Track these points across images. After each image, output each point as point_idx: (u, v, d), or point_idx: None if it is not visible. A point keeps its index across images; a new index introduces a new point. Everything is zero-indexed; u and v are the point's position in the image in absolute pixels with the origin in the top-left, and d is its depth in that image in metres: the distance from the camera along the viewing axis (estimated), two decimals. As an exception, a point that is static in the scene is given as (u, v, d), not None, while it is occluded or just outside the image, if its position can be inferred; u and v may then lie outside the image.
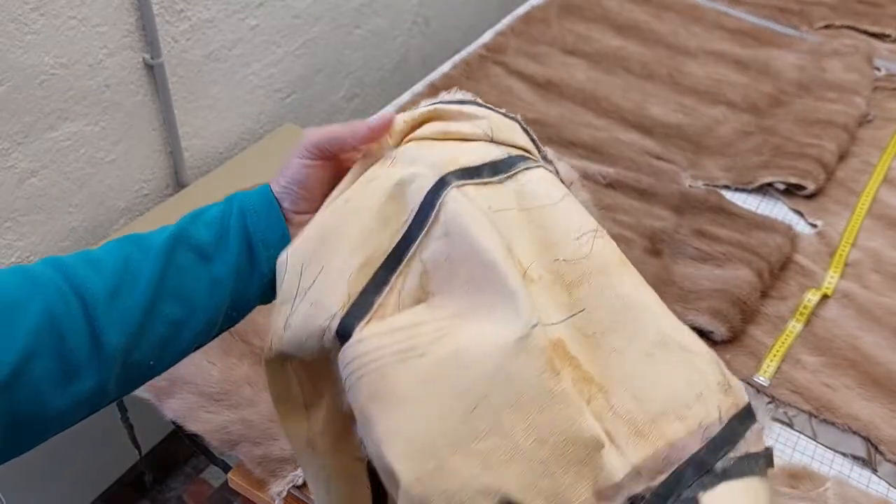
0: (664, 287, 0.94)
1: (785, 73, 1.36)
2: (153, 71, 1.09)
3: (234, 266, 0.49)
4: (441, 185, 0.45)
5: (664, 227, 1.03)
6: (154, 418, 0.83)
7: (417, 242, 0.45)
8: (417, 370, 0.41)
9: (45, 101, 0.97)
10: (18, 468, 1.16)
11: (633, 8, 1.51)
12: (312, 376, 0.50)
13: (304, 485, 0.72)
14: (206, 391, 0.78)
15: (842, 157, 1.18)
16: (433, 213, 0.45)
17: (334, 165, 0.52)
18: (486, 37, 1.42)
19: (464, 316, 0.42)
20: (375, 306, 0.44)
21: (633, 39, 1.43)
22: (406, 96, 1.26)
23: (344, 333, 0.44)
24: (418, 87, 1.28)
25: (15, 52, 0.91)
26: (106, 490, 1.36)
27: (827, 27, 1.51)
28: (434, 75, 1.31)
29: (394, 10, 1.55)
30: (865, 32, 1.49)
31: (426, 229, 0.45)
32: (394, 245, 0.46)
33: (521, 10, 1.50)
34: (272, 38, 1.28)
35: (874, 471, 0.79)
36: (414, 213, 0.45)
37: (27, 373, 0.41)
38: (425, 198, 0.45)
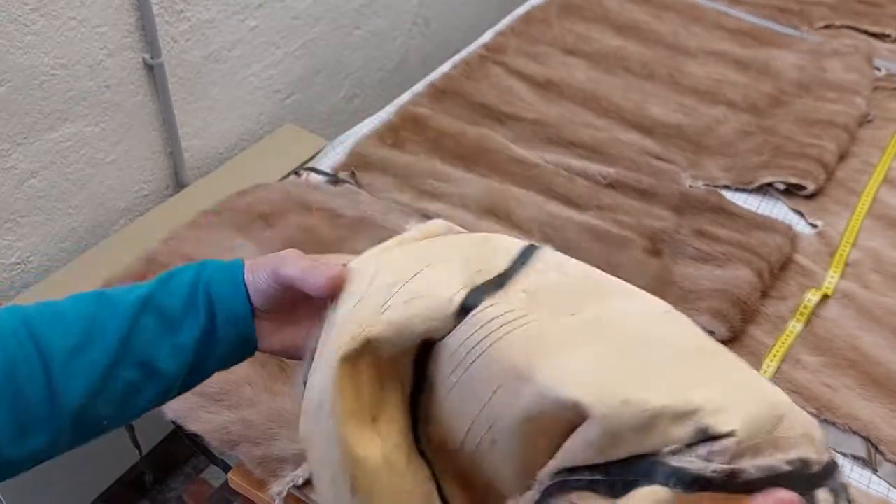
0: (664, 287, 0.94)
1: (785, 73, 1.36)
2: (153, 71, 1.09)
3: (197, 338, 0.49)
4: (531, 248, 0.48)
5: (664, 228, 1.03)
6: (154, 418, 0.83)
7: (519, 273, 0.46)
8: (574, 323, 0.42)
9: (45, 101, 0.97)
10: (19, 469, 1.16)
11: (633, 8, 1.51)
12: (379, 379, 0.47)
13: (304, 485, 0.72)
14: (207, 391, 0.78)
15: (842, 157, 1.18)
16: (533, 255, 0.47)
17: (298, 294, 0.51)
18: (486, 37, 1.42)
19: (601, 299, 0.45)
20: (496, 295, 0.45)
21: (634, 39, 1.43)
22: (406, 96, 1.26)
23: (470, 305, 0.44)
24: (418, 87, 1.29)
25: (15, 52, 0.91)
26: (106, 490, 1.36)
27: (827, 27, 1.51)
28: (434, 75, 1.31)
29: (394, 11, 1.55)
30: (865, 32, 1.49)
31: (528, 263, 0.46)
32: (500, 271, 0.46)
33: (521, 10, 1.50)
34: (272, 38, 1.28)
35: (874, 471, 0.79)
36: (517, 253, 0.47)
37: None
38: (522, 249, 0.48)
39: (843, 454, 0.80)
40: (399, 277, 0.46)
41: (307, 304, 0.50)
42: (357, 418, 0.45)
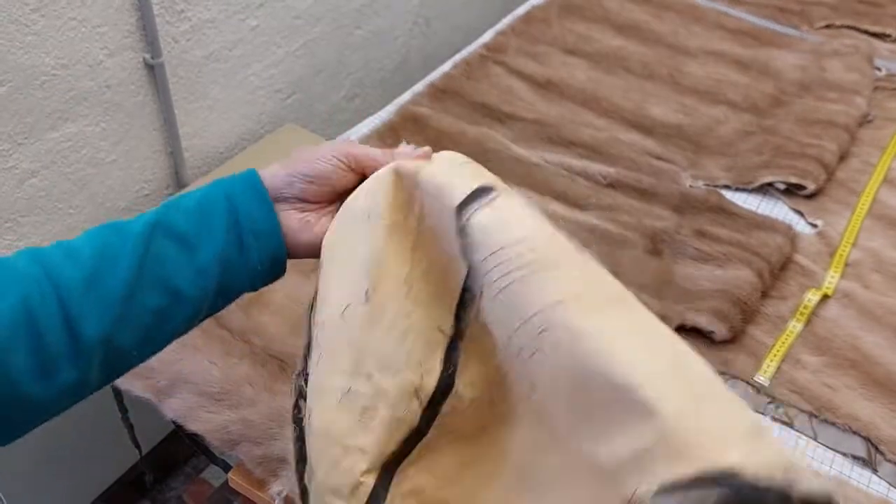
0: (664, 287, 0.94)
1: (785, 73, 1.36)
2: (154, 71, 1.09)
3: (219, 256, 0.48)
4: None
5: (664, 228, 1.03)
6: (154, 418, 0.83)
7: None
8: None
9: (46, 101, 0.97)
10: (19, 468, 1.16)
11: (633, 8, 1.51)
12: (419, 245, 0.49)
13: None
14: (207, 391, 0.78)
15: (842, 157, 1.18)
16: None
17: (355, 179, 0.53)
18: (487, 37, 1.42)
19: None
20: None
21: (634, 39, 1.43)
22: (406, 96, 1.26)
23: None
24: (419, 87, 1.29)
25: (15, 52, 0.91)
26: (106, 490, 1.36)
27: (827, 27, 1.51)
28: (434, 75, 1.31)
29: (394, 11, 1.55)
30: (866, 32, 1.49)
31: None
32: None
33: (521, 10, 1.50)
34: (273, 38, 1.28)
35: (874, 471, 0.79)
36: None
37: (4, 366, 0.41)
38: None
39: (843, 454, 0.80)
40: None
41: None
42: (399, 215, 0.49)
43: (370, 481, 0.45)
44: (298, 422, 0.50)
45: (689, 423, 0.36)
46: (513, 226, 0.44)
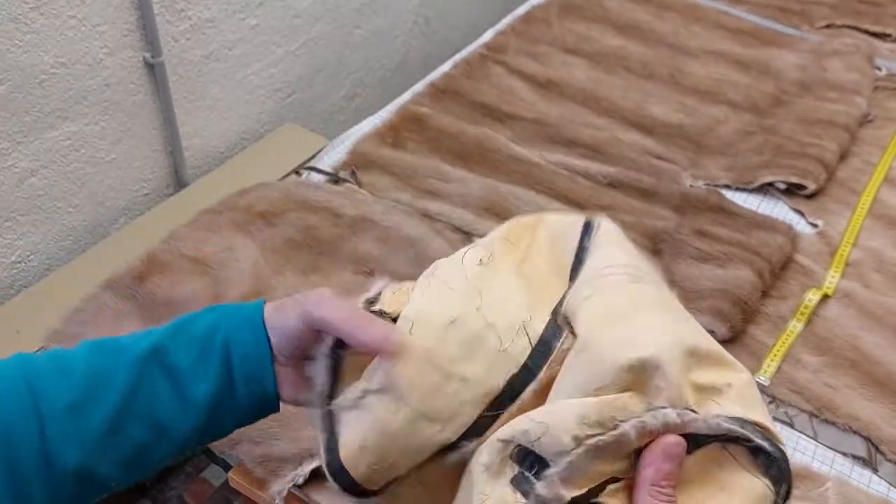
0: (665, 287, 0.94)
1: (786, 73, 1.36)
2: (153, 70, 1.08)
3: (211, 396, 0.46)
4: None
5: (665, 227, 1.03)
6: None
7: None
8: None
9: (45, 100, 0.97)
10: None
11: (633, 7, 1.51)
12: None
13: (305, 484, 0.72)
14: (207, 391, 0.78)
15: (843, 156, 1.18)
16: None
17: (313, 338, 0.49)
18: (487, 36, 1.42)
19: None
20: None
21: (634, 39, 1.43)
22: (406, 96, 1.26)
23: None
24: (419, 86, 1.28)
25: (15, 51, 0.91)
26: (106, 490, 1.35)
27: (828, 27, 1.51)
28: (434, 75, 1.31)
29: (394, 10, 1.55)
30: (866, 32, 1.49)
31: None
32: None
33: (521, 10, 1.50)
34: (272, 37, 1.28)
35: (875, 471, 0.79)
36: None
37: None
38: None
39: (844, 454, 0.80)
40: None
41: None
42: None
43: (471, 412, 0.44)
44: (336, 355, 0.48)
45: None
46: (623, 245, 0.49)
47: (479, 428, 0.44)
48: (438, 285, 0.48)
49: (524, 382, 0.44)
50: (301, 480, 0.72)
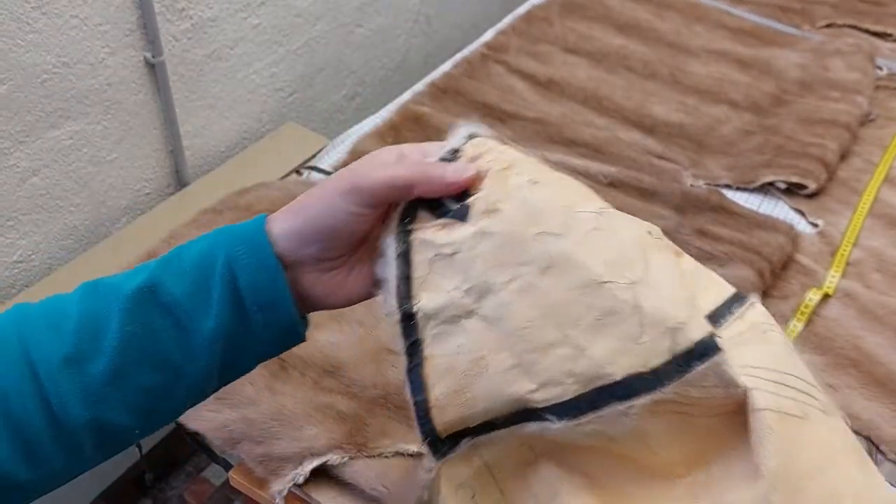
0: (665, 286, 0.94)
1: (787, 73, 1.36)
2: (155, 70, 1.09)
3: (219, 333, 0.42)
4: None
5: (665, 227, 1.03)
6: (155, 417, 0.83)
7: None
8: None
9: (47, 100, 0.97)
10: (20, 466, 1.16)
11: (634, 7, 1.51)
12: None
13: (305, 483, 0.72)
14: (208, 390, 0.78)
15: (843, 156, 1.18)
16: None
17: (375, 218, 0.43)
18: (488, 35, 1.42)
19: None
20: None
21: (635, 38, 1.43)
22: (407, 95, 1.26)
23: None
24: (419, 86, 1.28)
25: (16, 51, 0.91)
26: (107, 488, 1.36)
27: (829, 26, 1.51)
28: (435, 74, 1.31)
29: (395, 9, 1.55)
30: (868, 31, 1.49)
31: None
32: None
33: (522, 9, 1.50)
34: (274, 37, 1.28)
35: (875, 470, 0.79)
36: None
37: None
38: None
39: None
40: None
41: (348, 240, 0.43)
42: None
43: (572, 388, 0.39)
44: (405, 234, 0.42)
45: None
46: None
47: (571, 409, 0.39)
48: (606, 221, 0.41)
49: (643, 390, 0.38)
50: (302, 480, 0.72)
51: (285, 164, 1.19)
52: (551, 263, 0.40)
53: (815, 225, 1.07)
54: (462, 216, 0.41)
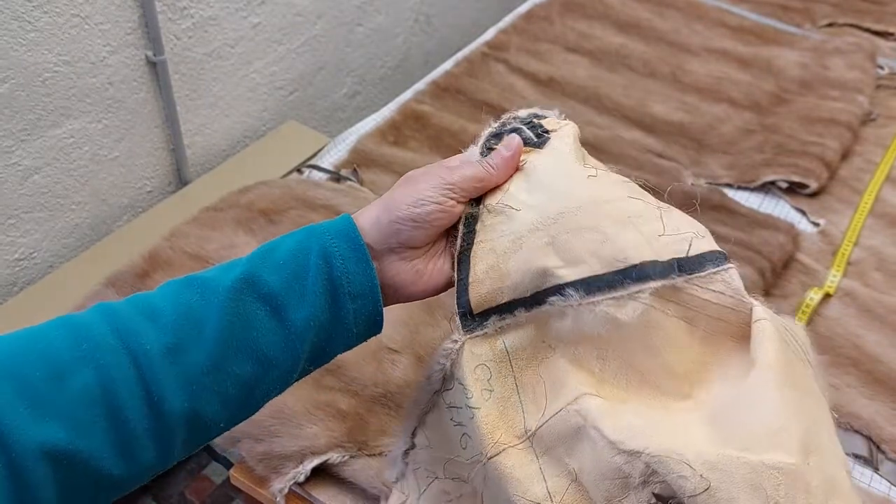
0: (666, 285, 0.94)
1: (787, 71, 1.36)
2: (156, 68, 1.09)
3: (312, 321, 0.44)
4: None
5: (666, 226, 1.03)
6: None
7: None
8: None
9: (48, 98, 0.97)
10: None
11: (635, 5, 1.51)
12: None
13: (306, 481, 0.72)
14: (209, 388, 0.78)
15: (844, 155, 1.18)
16: None
17: (459, 210, 0.49)
18: (488, 34, 1.42)
19: None
20: None
21: (636, 37, 1.43)
22: (408, 94, 1.26)
23: None
24: (420, 84, 1.28)
25: (18, 49, 0.91)
26: (108, 486, 1.36)
27: (830, 25, 1.51)
28: (436, 73, 1.31)
29: (395, 8, 1.55)
30: (868, 30, 1.48)
31: None
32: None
33: (523, 8, 1.50)
34: (274, 35, 1.28)
35: (876, 470, 0.79)
36: None
37: (80, 451, 0.37)
38: None
39: (845, 453, 0.80)
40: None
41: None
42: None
43: (595, 267, 0.45)
44: (486, 151, 0.51)
45: None
46: None
47: (589, 285, 0.44)
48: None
49: (656, 275, 0.43)
50: (302, 478, 0.72)
51: (286, 162, 1.20)
52: (596, 174, 0.49)
53: (816, 224, 1.07)
54: (540, 145, 0.51)
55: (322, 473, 0.73)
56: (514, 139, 0.50)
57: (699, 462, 0.38)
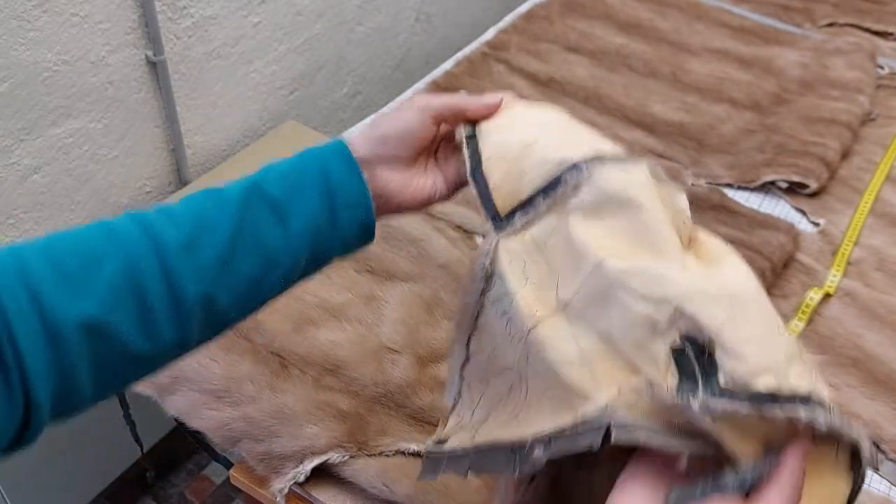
0: (666, 285, 0.94)
1: (788, 71, 1.36)
2: (156, 68, 1.09)
3: (311, 225, 0.50)
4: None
5: (666, 226, 1.03)
6: (156, 415, 0.83)
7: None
8: None
9: (48, 97, 0.97)
10: (21, 465, 1.16)
11: (635, 5, 1.51)
12: None
13: (306, 481, 0.72)
14: (209, 388, 0.78)
15: (845, 155, 1.18)
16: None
17: (436, 130, 0.56)
18: (489, 34, 1.42)
19: None
20: None
21: (636, 37, 1.43)
22: (408, 93, 1.26)
23: None
24: (420, 84, 1.28)
25: (18, 49, 0.91)
26: (108, 487, 1.36)
27: (830, 25, 1.51)
28: (436, 73, 1.31)
29: (396, 8, 1.55)
30: (869, 30, 1.49)
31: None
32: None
33: (523, 8, 1.50)
34: (274, 35, 1.28)
35: (876, 470, 0.79)
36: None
37: (110, 324, 0.43)
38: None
39: (845, 453, 0.80)
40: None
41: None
42: None
43: (587, 149, 0.53)
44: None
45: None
46: None
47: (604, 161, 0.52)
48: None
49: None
50: (302, 478, 0.72)
51: (286, 162, 1.20)
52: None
53: (817, 224, 1.07)
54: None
55: (322, 473, 0.73)
56: (497, 97, 0.56)
57: (724, 295, 0.43)
